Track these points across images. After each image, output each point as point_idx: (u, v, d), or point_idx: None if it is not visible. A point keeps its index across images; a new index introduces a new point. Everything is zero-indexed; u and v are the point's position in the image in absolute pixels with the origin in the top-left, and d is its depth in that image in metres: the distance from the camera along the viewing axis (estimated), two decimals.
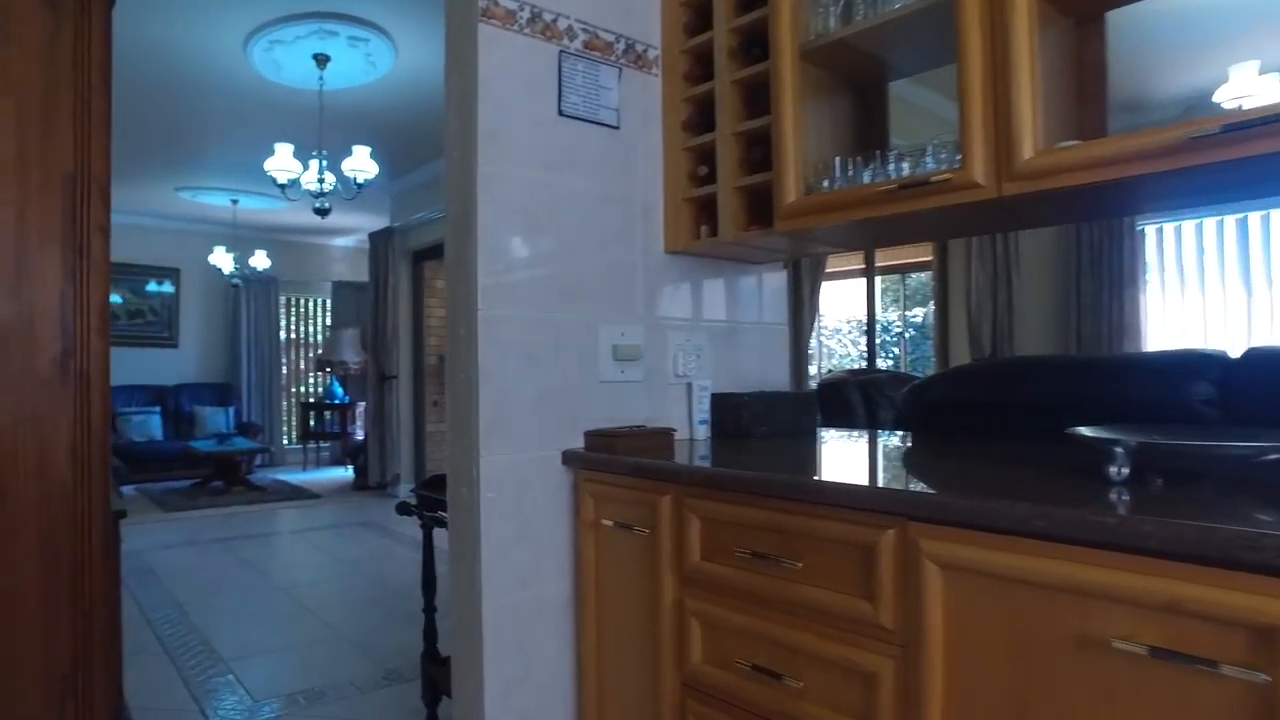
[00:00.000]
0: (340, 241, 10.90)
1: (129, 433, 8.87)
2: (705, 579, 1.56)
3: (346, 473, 9.37)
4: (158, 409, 9.24)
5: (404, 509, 2.45)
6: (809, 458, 1.76)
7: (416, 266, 7.97)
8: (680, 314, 2.18)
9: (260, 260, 8.63)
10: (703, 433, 2.16)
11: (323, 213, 4.66)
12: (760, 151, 1.94)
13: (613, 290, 2.03)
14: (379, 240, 7.91)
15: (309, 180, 4.74)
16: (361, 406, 10.09)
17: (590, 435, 1.92)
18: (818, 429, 2.30)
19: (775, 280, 2.45)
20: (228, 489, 7.93)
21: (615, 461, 1.77)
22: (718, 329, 2.27)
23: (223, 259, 8.44)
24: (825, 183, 1.81)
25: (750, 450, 1.84)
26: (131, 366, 9.43)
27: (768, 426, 2.12)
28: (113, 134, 1.97)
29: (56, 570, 1.80)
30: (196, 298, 9.95)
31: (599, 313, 2.00)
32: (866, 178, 1.73)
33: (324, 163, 4.70)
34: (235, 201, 8.35)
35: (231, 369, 10.05)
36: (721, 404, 2.16)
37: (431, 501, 2.42)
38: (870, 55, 1.82)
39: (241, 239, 9.03)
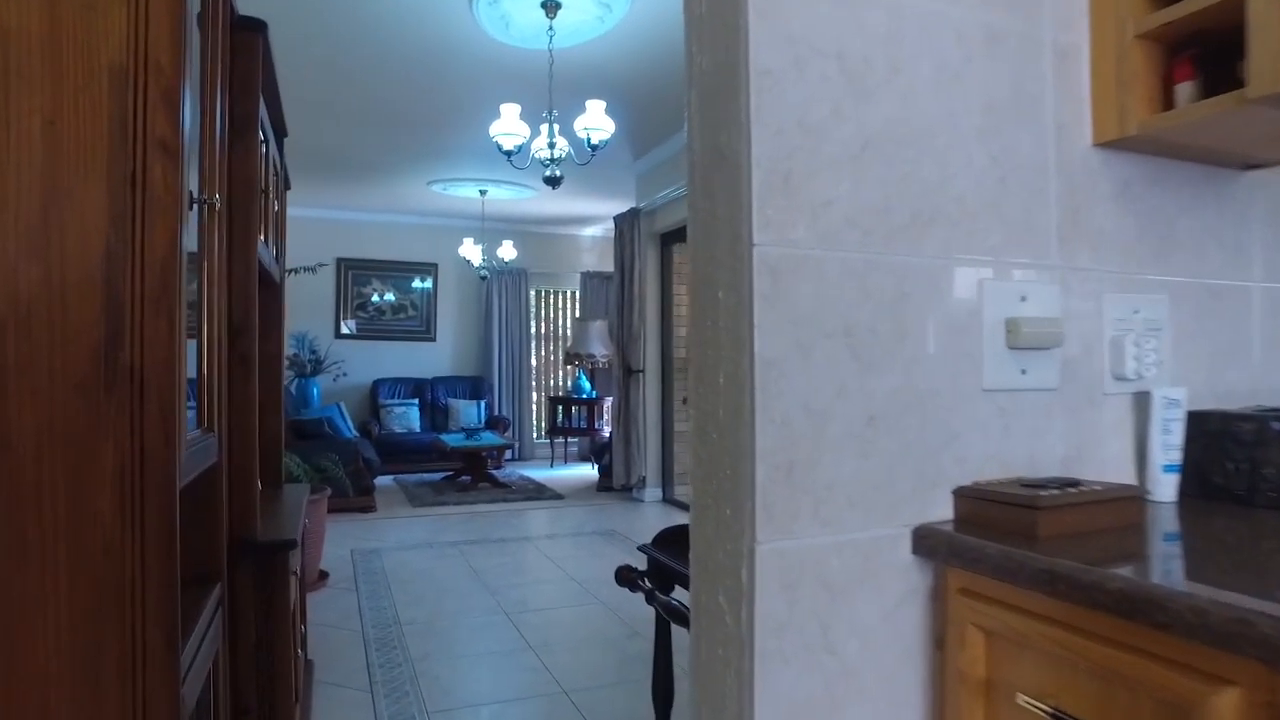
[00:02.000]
0: (588, 231, 10.58)
1: (391, 424, 9.05)
2: None
3: (592, 471, 8.96)
4: (416, 401, 9.38)
5: (627, 580, 1.60)
6: None
7: (664, 250, 7.29)
8: (1121, 262, 1.15)
9: (507, 251, 8.40)
10: (1167, 489, 1.12)
11: (554, 182, 4.03)
12: None
13: (1001, 213, 1.05)
14: (623, 223, 7.32)
15: (539, 147, 4.13)
16: (609, 402, 9.67)
17: (969, 497, 0.97)
18: None
19: None
20: (474, 484, 7.74)
21: (1047, 569, 0.80)
22: (1187, 292, 1.21)
23: (471, 251, 8.30)
24: None
25: None
26: (394, 360, 9.67)
27: None
28: (366, 129, 1.31)
29: (93, 681, 1.16)
30: (451, 292, 10.03)
31: (978, 254, 1.03)
32: None
33: (554, 126, 4.06)
34: (483, 193, 8.16)
35: (483, 362, 10.03)
36: (1207, 433, 1.11)
37: (667, 573, 1.57)
38: None
39: (490, 231, 8.90)
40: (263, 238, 2.51)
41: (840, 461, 0.94)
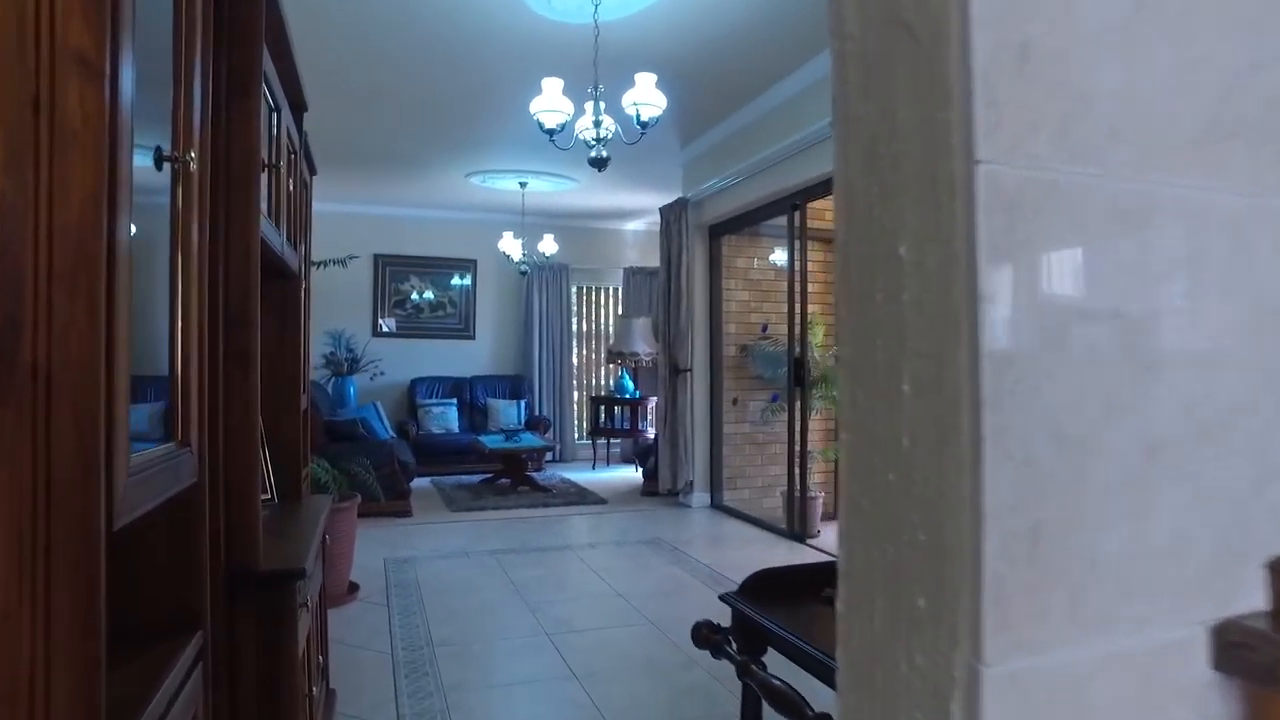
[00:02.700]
0: (631, 225, 10.24)
1: (429, 425, 8.79)
2: None
3: (636, 473, 8.61)
4: (454, 401, 9.11)
5: (708, 642, 1.22)
6: None
7: (712, 243, 6.92)
8: None
9: (548, 245, 8.08)
10: None
11: (600, 164, 3.68)
12: None
13: None
14: (669, 214, 6.96)
15: (583, 127, 3.79)
16: (653, 402, 9.32)
17: None
18: None
19: None
20: (513, 487, 7.44)
21: None
22: None
23: (511, 245, 7.99)
24: None
25: None
26: (433, 359, 9.42)
27: None
28: (403, 119, 0.97)
29: None
30: (490, 289, 9.76)
31: None
32: None
33: (600, 103, 3.72)
34: (523, 185, 7.85)
35: (523, 361, 9.74)
36: None
37: (758, 633, 1.21)
38: None
39: (531, 226, 8.58)
40: (273, 219, 2.20)
41: (1108, 520, 0.57)
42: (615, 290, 10.33)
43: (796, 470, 5.75)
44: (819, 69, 4.75)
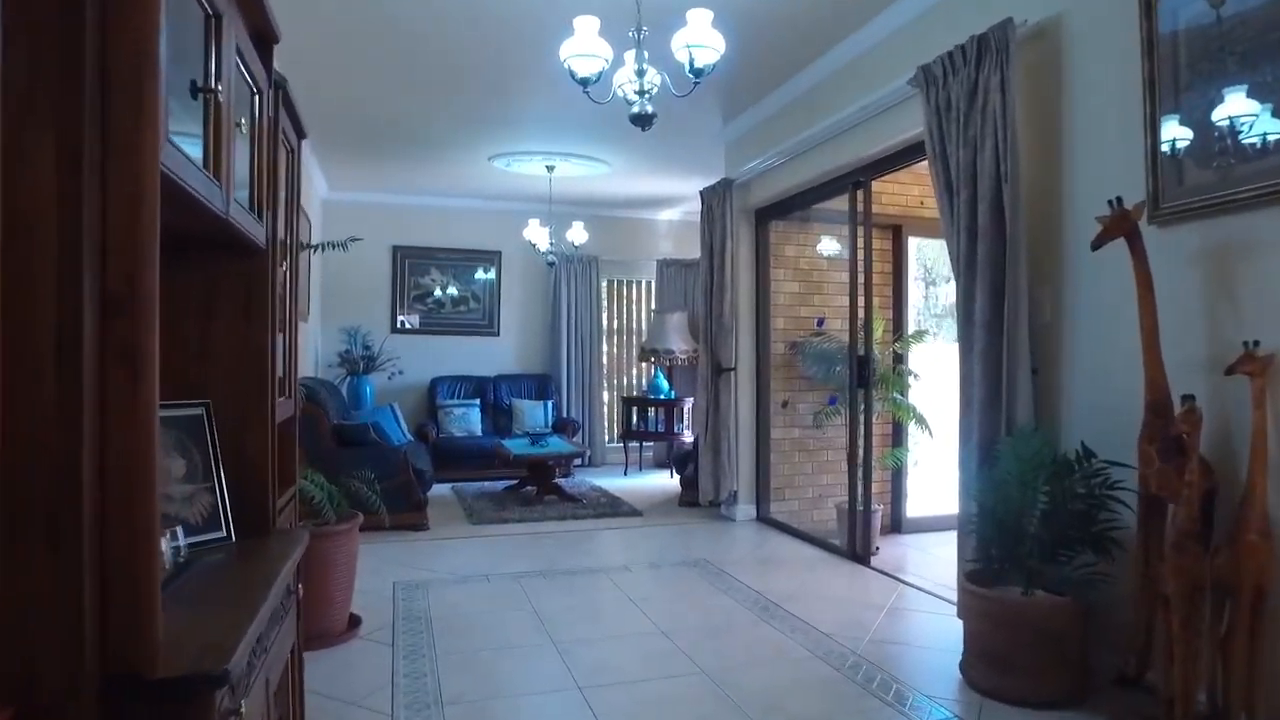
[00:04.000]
0: (665, 215, 9.61)
1: (449, 427, 8.24)
2: None
3: (671, 480, 7.99)
4: (477, 402, 8.54)
5: None
6: None
7: (759, 229, 6.27)
8: None
9: (577, 234, 7.46)
10: None
11: (643, 121, 3.06)
12: None
13: None
14: (711, 197, 6.31)
15: (622, 81, 3.17)
16: (689, 403, 8.69)
17: None
18: None
19: None
20: (539, 496, 6.84)
21: None
22: None
23: (537, 233, 7.39)
24: None
25: None
26: (454, 357, 8.88)
27: None
28: (419, 92, 0.45)
29: None
30: (515, 283, 9.18)
31: None
32: None
33: (644, 51, 3.09)
34: (551, 168, 7.25)
35: (550, 359, 9.15)
36: None
37: None
38: None
39: (558, 216, 7.97)
40: (212, 170, 1.60)
41: None
42: (648, 284, 9.71)
43: (859, 482, 5.08)
44: (896, 17, 4.09)
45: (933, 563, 5.16)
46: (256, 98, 2.09)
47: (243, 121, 1.80)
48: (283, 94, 2.53)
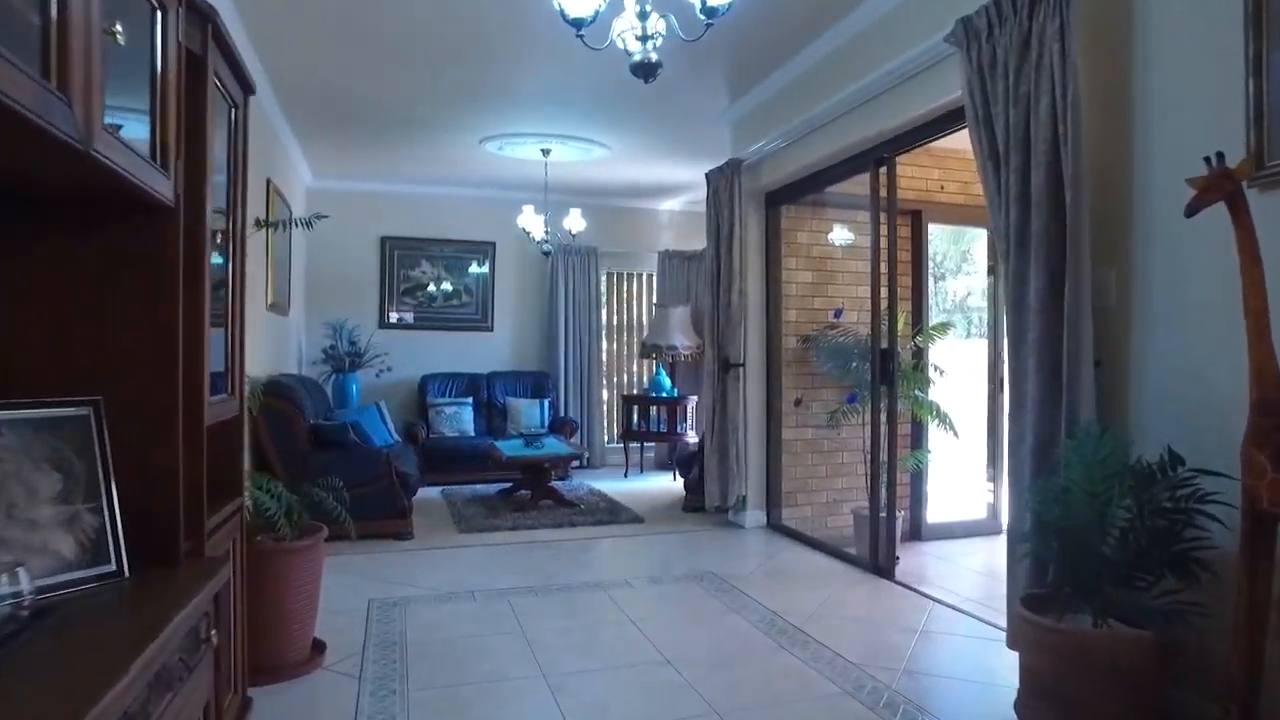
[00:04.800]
0: (667, 205, 9.17)
1: (440, 427, 7.80)
2: None
3: (674, 482, 7.56)
4: (470, 400, 8.11)
5: None
6: None
7: (769, 214, 5.83)
8: None
9: (575, 221, 7.01)
10: None
11: (647, 70, 2.61)
12: None
13: None
14: (717, 180, 5.88)
15: (621, 29, 2.72)
16: (692, 402, 8.26)
17: None
18: None
19: None
20: (534, 500, 6.39)
21: None
22: None
23: (532, 221, 6.95)
24: None
25: None
26: (446, 353, 8.44)
27: None
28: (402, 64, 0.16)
29: None
30: (510, 275, 8.74)
31: None
32: None
33: None
34: (546, 152, 6.81)
35: (547, 356, 8.71)
36: None
37: None
38: None
39: (555, 204, 7.52)
40: (47, 75, 1.16)
41: None
42: (649, 277, 9.27)
43: (882, 487, 4.65)
44: None
45: (960, 575, 4.74)
46: (159, 15, 1.66)
47: (119, 30, 1.36)
48: (213, 29, 2.09)
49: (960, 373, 5.68)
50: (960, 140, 5.52)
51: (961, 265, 8.87)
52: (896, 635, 3.56)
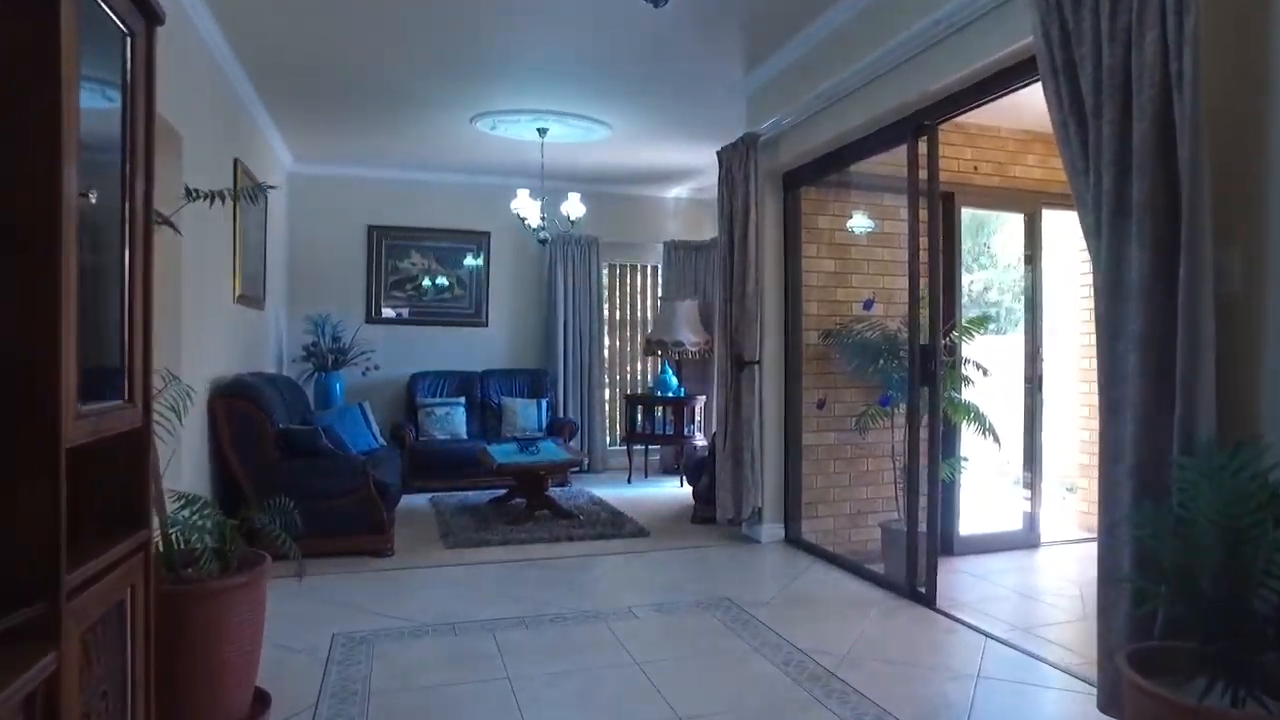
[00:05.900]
0: (672, 192, 8.62)
1: (430, 429, 7.26)
2: None
3: (681, 488, 7.02)
4: (462, 400, 7.56)
5: None
6: None
7: (788, 196, 5.27)
8: None
9: (573, 206, 6.45)
10: None
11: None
12: None
13: None
14: (730, 158, 5.32)
15: None
16: (700, 402, 7.71)
17: None
18: None
19: None
20: (529, 511, 5.83)
21: None
22: None
23: (528, 206, 6.40)
24: None
25: None
26: (436, 350, 7.91)
27: None
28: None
29: None
30: (506, 267, 8.19)
31: None
32: None
33: None
34: (543, 131, 6.25)
35: (545, 353, 8.16)
36: None
37: None
38: None
39: (552, 192, 6.95)
40: None
41: None
42: (654, 269, 8.72)
43: (920, 499, 4.09)
44: None
45: (1003, 598, 4.19)
46: None
47: None
48: None
49: (992, 371, 5.14)
50: (995, 117, 5.02)
51: (979, 259, 8.33)
52: (950, 684, 3.01)
